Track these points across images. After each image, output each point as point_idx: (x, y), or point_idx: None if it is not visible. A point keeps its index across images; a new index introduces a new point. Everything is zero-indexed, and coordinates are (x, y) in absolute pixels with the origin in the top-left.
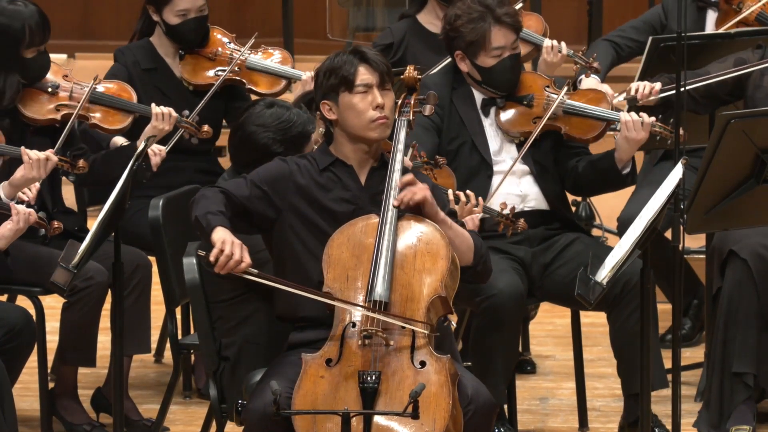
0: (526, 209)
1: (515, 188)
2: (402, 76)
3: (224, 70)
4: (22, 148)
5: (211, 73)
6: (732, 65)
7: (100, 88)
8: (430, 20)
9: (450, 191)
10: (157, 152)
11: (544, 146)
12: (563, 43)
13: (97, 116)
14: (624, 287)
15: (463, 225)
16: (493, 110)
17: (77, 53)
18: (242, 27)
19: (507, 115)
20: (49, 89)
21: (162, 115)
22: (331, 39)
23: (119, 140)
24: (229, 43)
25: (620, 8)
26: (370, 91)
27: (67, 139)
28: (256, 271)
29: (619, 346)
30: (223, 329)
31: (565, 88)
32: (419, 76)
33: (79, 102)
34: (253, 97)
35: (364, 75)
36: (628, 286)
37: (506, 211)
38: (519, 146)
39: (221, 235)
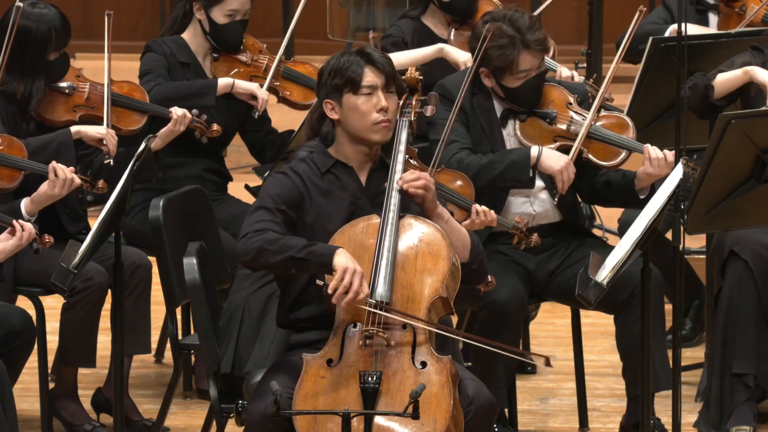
0: (538, 224)
1: (528, 207)
2: (403, 77)
3: (259, 78)
4: (52, 164)
5: (245, 78)
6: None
7: (114, 89)
8: (435, 24)
9: (476, 206)
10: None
11: None
12: (575, 72)
13: (112, 117)
14: (632, 292)
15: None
16: (512, 123)
17: (77, 53)
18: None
19: (528, 129)
20: (67, 91)
21: (180, 118)
22: (331, 39)
23: None
24: (262, 50)
25: (620, 8)
26: (374, 93)
27: (75, 142)
28: (374, 301)
29: (625, 349)
30: (252, 287)
31: (591, 113)
32: (420, 77)
33: (94, 103)
34: (280, 107)
35: (369, 77)
36: (636, 290)
37: (521, 225)
38: None
39: (344, 262)
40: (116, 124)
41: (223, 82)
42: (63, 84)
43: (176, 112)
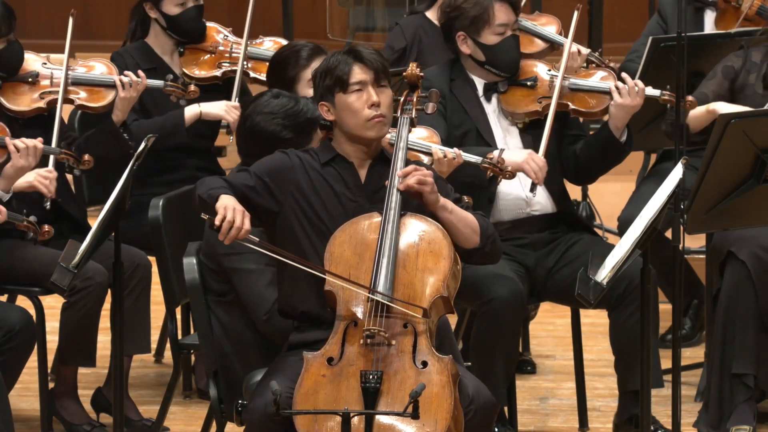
0: (533, 214)
1: (521, 192)
2: (404, 73)
3: (227, 63)
4: (6, 138)
5: (213, 66)
6: (721, 76)
7: (81, 69)
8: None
9: (434, 147)
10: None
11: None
12: (581, 47)
13: (82, 96)
14: (627, 287)
15: (468, 209)
16: (495, 96)
17: (77, 53)
18: (242, 26)
19: (510, 98)
20: (30, 79)
21: (125, 83)
22: (331, 39)
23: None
24: (227, 36)
25: (620, 8)
26: (365, 89)
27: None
28: (256, 239)
29: (618, 343)
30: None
31: (563, 61)
32: (421, 73)
33: (60, 86)
34: (257, 87)
35: (358, 74)
36: (630, 286)
37: (493, 159)
38: (522, 131)
39: (224, 202)
40: (87, 102)
41: (190, 113)
42: (24, 73)
43: (121, 78)
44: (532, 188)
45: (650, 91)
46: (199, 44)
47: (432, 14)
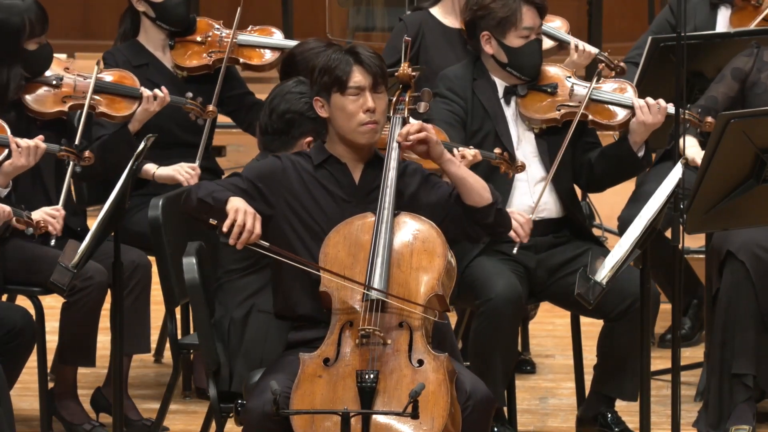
0: (537, 219)
1: (528, 198)
2: (396, 73)
3: (216, 52)
4: (9, 135)
5: (203, 55)
6: (730, 79)
7: (103, 77)
8: (446, 14)
9: (454, 146)
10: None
11: (562, 137)
12: (586, 44)
13: (103, 104)
14: (631, 305)
15: None
16: (514, 99)
17: (77, 53)
18: (241, 26)
19: (529, 103)
20: (54, 82)
21: (149, 97)
22: (330, 38)
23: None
24: (217, 27)
25: (620, 8)
26: (362, 94)
27: (67, 132)
28: (266, 243)
29: (605, 349)
30: (234, 303)
31: (595, 78)
32: (413, 74)
33: (83, 92)
34: (249, 74)
35: (357, 77)
36: (634, 305)
37: (504, 155)
38: (537, 137)
39: (235, 204)
40: (108, 111)
41: (142, 171)
42: (49, 74)
43: (145, 92)
44: (514, 246)
45: (672, 109)
46: (189, 36)
47: (437, 11)
